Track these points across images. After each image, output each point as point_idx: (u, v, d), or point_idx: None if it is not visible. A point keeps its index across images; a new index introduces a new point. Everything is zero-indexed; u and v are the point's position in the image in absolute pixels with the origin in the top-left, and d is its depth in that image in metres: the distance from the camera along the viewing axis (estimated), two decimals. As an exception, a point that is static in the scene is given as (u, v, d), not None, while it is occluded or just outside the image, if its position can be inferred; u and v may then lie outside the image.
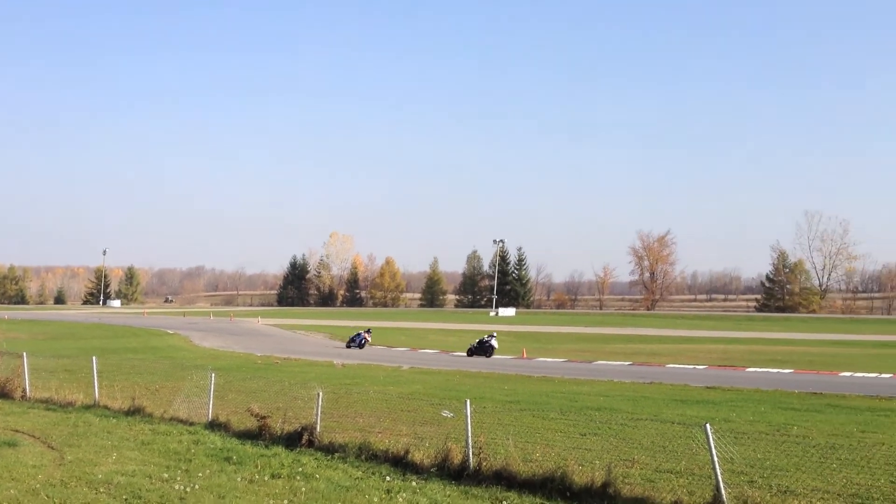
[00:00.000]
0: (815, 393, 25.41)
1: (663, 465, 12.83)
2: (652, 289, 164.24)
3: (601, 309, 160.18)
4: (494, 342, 44.95)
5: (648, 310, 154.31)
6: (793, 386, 27.66)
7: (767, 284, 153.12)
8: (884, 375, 33.27)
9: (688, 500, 10.50)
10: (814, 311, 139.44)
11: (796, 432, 16.88)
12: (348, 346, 49.84)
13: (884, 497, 10.95)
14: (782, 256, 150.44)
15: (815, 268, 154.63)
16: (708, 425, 10.97)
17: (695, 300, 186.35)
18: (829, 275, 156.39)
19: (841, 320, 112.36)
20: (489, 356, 43.77)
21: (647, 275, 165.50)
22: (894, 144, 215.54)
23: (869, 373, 34.03)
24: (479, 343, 45.58)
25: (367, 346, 49.55)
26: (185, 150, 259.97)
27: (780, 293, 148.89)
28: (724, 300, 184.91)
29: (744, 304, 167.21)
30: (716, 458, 10.45)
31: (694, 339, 62.71)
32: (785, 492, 10.98)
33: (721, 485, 10.29)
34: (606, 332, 74.00)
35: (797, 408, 21.69)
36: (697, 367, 37.51)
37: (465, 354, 45.05)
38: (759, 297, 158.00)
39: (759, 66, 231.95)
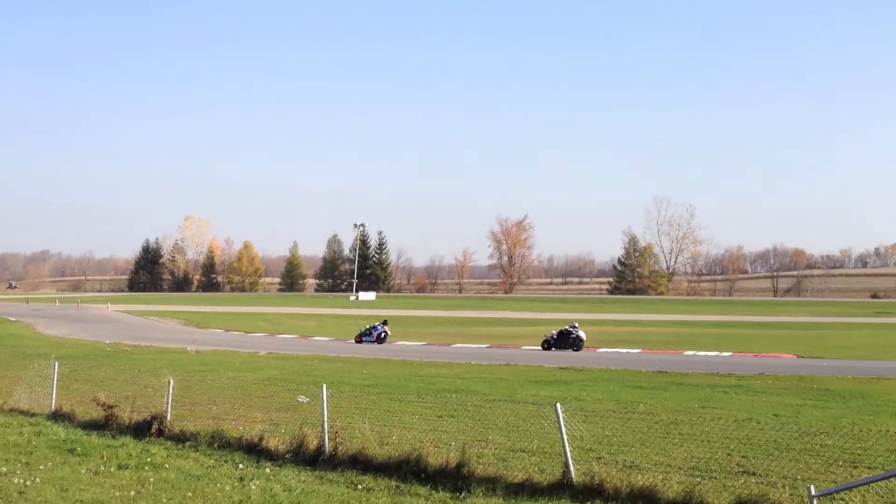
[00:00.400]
0: (661, 371, 26.55)
1: (516, 445, 13.11)
2: (510, 272, 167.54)
3: (461, 292, 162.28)
4: (582, 333, 38.20)
5: (506, 293, 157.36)
6: (640, 365, 28.80)
7: (619, 268, 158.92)
8: (723, 354, 35.11)
9: (538, 477, 10.75)
10: (661, 293, 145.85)
11: (642, 409, 17.58)
12: (359, 342, 42.46)
13: (720, 468, 11.52)
14: (633, 241, 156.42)
15: (664, 251, 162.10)
16: (558, 405, 11.25)
17: (551, 283, 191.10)
18: (676, 258, 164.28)
19: (686, 302, 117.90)
20: (578, 349, 37.11)
21: (505, 259, 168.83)
22: (735, 136, 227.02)
23: (710, 351, 35.82)
24: (559, 334, 38.46)
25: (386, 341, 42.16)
26: (28, 130, 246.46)
27: (630, 276, 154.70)
28: (579, 283, 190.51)
29: (597, 286, 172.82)
30: (565, 437, 10.74)
31: (549, 322, 64.28)
32: (630, 466, 11.39)
33: (570, 462, 10.58)
34: (465, 315, 74.99)
35: (644, 386, 22.60)
36: (552, 348, 38.49)
37: (540, 348, 38.18)
38: (611, 280, 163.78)
39: (608, 56, 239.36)
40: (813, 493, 8.83)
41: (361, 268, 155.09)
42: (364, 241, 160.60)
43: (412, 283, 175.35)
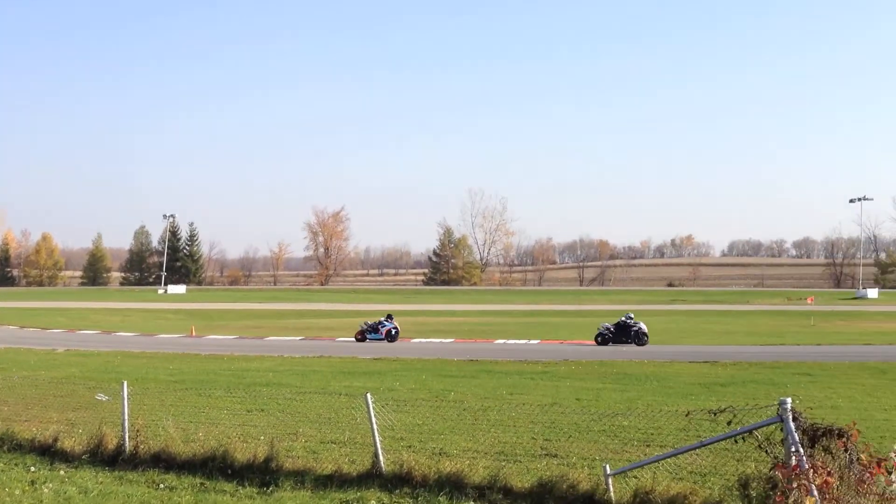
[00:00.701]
0: (472, 360, 27.21)
1: (328, 437, 13.04)
2: (326, 264, 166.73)
3: (275, 285, 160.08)
4: (643, 325, 35.43)
5: (323, 285, 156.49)
6: (453, 354, 29.41)
7: (434, 259, 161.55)
8: (532, 342, 36.42)
9: (348, 468, 10.72)
10: (475, 284, 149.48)
11: (453, 397, 17.94)
12: (361, 339, 37.85)
13: (525, 452, 11.92)
14: (448, 233, 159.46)
15: (477, 243, 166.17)
16: (369, 395, 11.25)
17: (367, 275, 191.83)
18: (489, 249, 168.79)
19: (498, 292, 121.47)
20: (642, 343, 34.41)
21: (321, 250, 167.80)
22: (545, 130, 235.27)
23: (519, 339, 37.01)
24: (617, 327, 35.43)
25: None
26: None
27: (445, 267, 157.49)
28: (395, 274, 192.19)
29: (413, 277, 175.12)
30: (375, 427, 10.76)
31: (365, 313, 64.50)
32: (440, 454, 11.56)
33: (379, 451, 10.62)
34: (280, 307, 74.03)
35: (455, 374, 23.07)
36: (367, 339, 38.60)
37: (595, 343, 35.26)
38: (426, 271, 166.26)
39: (423, 46, 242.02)
40: (608, 471, 9.28)
41: (171, 260, 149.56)
42: (174, 233, 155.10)
43: (225, 276, 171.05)
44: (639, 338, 34.78)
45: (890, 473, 7.38)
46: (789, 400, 7.95)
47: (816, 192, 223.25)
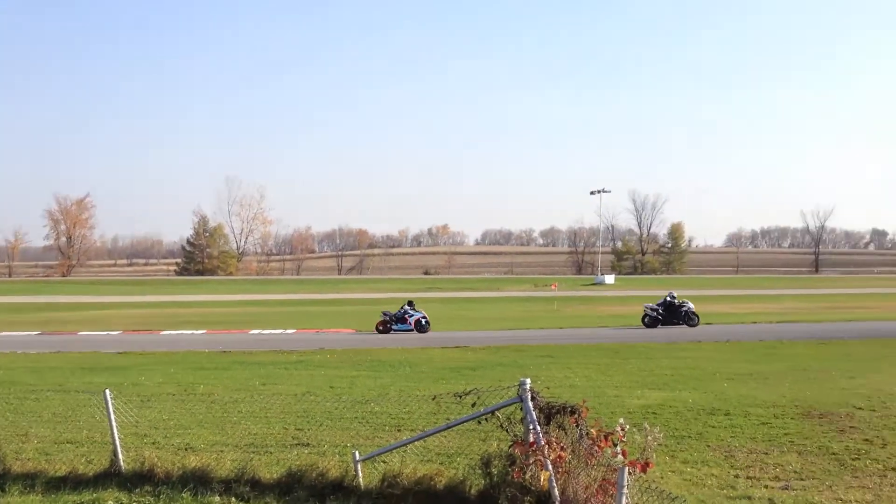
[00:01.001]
0: (224, 351, 26.56)
1: (63, 437, 12.32)
2: (69, 254, 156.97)
3: (10, 276, 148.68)
4: (691, 304, 33.05)
5: (65, 276, 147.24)
6: (204, 346, 28.56)
7: (188, 248, 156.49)
8: (288, 331, 36.10)
9: (84, 468, 10.16)
10: (231, 274, 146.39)
11: (202, 391, 17.41)
12: (385, 331, 34.35)
13: (276, 442, 11.80)
14: (203, 221, 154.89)
15: (234, 232, 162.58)
16: (107, 391, 10.70)
17: (115, 265, 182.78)
18: (247, 238, 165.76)
19: (255, 281, 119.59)
20: (694, 324, 32.31)
21: (63, 239, 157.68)
22: (303, 121, 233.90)
23: (275, 329, 36.58)
24: (665, 307, 33.06)
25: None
26: None
27: (200, 257, 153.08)
28: (146, 265, 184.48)
29: (165, 268, 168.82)
30: (114, 424, 10.24)
31: (111, 305, 61.47)
32: (186, 449, 11.22)
33: (119, 449, 10.12)
34: (15, 300, 68.93)
35: (206, 367, 22.39)
36: (111, 332, 36.68)
37: (642, 325, 33.10)
38: (179, 260, 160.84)
39: (175, 35, 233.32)
40: (357, 457, 9.36)
41: None
42: None
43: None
44: (689, 318, 32.87)
45: (616, 446, 7.90)
46: (528, 380, 8.34)
47: (562, 186, 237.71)
